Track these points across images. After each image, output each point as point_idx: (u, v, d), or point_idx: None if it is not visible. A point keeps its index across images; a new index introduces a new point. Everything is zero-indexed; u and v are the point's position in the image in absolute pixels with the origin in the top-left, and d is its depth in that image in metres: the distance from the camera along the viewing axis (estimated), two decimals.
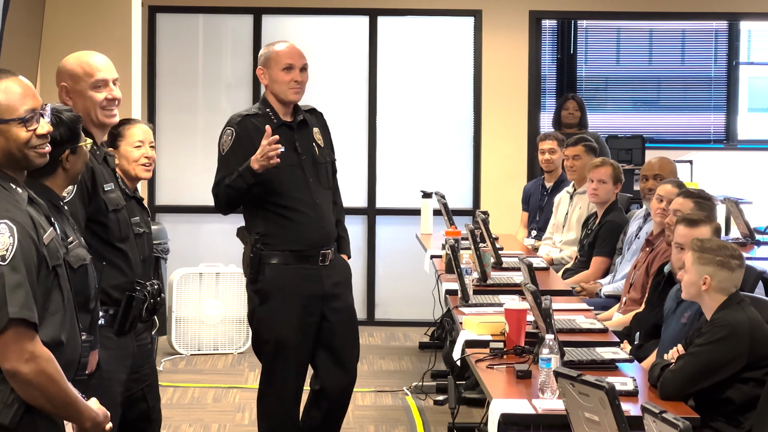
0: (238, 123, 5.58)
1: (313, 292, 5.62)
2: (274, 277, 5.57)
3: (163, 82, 10.23)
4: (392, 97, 10.32)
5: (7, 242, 3.11)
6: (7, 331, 3.07)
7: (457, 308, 5.96)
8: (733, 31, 11.09)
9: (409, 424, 7.25)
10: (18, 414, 3.15)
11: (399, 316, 10.22)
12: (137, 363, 4.71)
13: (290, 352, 5.63)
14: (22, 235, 3.13)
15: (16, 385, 3.12)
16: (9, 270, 3.09)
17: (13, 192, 3.23)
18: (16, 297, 3.07)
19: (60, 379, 3.15)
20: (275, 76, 5.61)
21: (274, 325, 5.61)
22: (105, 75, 4.51)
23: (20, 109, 3.26)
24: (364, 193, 10.32)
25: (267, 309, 5.61)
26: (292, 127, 5.64)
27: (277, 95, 5.63)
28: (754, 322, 4.62)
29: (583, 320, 5.70)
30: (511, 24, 10.30)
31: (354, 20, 10.29)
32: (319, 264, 5.63)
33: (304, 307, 5.60)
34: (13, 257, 3.10)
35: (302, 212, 5.58)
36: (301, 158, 5.61)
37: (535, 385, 4.52)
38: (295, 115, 5.68)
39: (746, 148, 11.19)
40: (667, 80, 11.34)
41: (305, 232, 5.59)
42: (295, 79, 5.61)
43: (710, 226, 5.33)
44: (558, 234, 8.50)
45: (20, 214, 3.17)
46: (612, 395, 3.30)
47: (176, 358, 8.86)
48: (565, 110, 9.99)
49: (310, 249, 5.61)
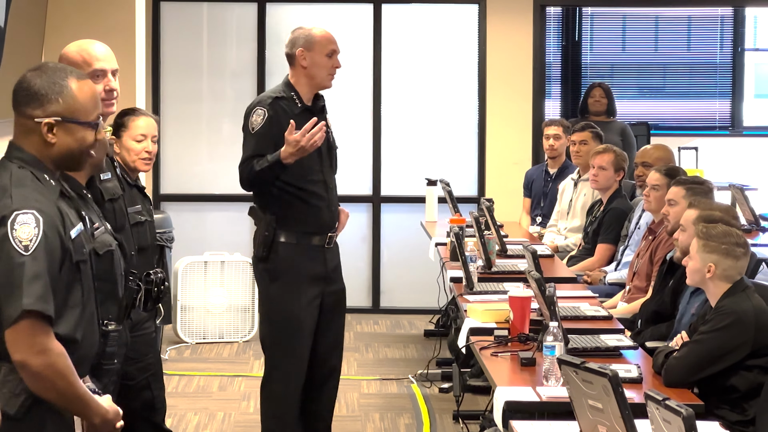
0: (270, 104, 5.61)
1: (318, 273, 5.71)
2: (286, 257, 5.65)
3: (167, 70, 10.22)
4: (397, 85, 10.30)
5: (32, 233, 3.11)
6: (21, 322, 3.07)
7: (462, 296, 5.96)
8: (738, 18, 11.06)
9: (414, 412, 7.26)
10: (25, 405, 3.15)
11: (404, 303, 10.22)
12: (141, 351, 4.71)
13: (300, 330, 5.68)
14: (48, 226, 3.13)
15: (25, 377, 3.12)
16: (30, 260, 3.08)
17: (46, 183, 3.24)
18: (33, 288, 3.07)
19: (70, 374, 3.14)
20: (318, 60, 5.62)
21: (284, 304, 5.67)
22: (104, 65, 4.46)
23: (93, 114, 3.29)
24: (369, 181, 10.31)
25: (278, 287, 5.68)
26: (313, 112, 5.68)
27: (313, 79, 5.65)
28: (759, 310, 4.62)
29: (587, 307, 5.70)
30: (515, 11, 10.28)
31: (358, 8, 10.28)
32: (325, 246, 5.72)
33: (311, 286, 5.69)
34: (36, 248, 3.10)
35: (317, 195, 5.67)
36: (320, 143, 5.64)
37: (539, 372, 4.52)
38: (316, 100, 5.73)
39: (752, 134, 11.16)
40: (673, 67, 11.32)
41: (318, 214, 5.68)
42: (335, 66, 5.65)
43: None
44: (563, 221, 8.49)
45: (49, 206, 3.18)
46: (615, 382, 3.30)
47: (181, 346, 8.87)
48: (591, 98, 9.94)
49: (321, 231, 5.70)
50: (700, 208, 5.33)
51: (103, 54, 4.49)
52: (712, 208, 5.31)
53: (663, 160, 7.33)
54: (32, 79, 3.27)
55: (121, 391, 4.52)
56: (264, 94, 5.77)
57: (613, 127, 9.66)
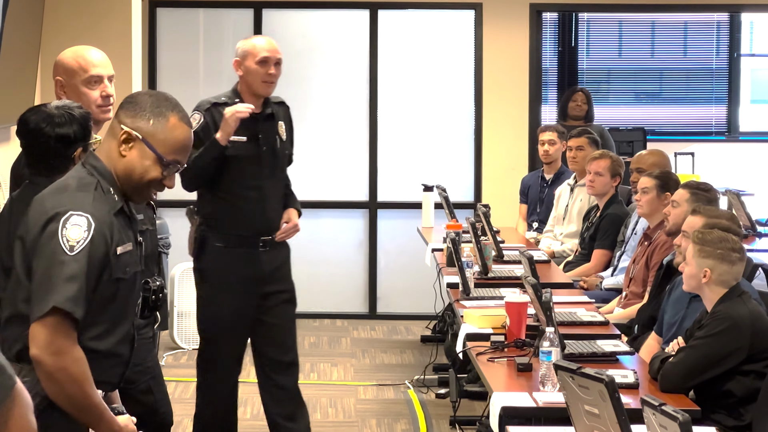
0: (206, 110, 5.77)
1: (252, 275, 5.77)
2: (216, 258, 5.75)
3: (163, 76, 10.22)
4: (393, 91, 10.31)
5: (82, 236, 3.12)
6: (47, 318, 3.07)
7: (459, 301, 5.97)
8: (734, 23, 11.08)
9: (411, 418, 7.26)
10: (38, 408, 3.14)
11: (400, 309, 10.22)
12: (139, 356, 4.71)
13: (227, 330, 5.79)
14: (97, 234, 3.14)
15: (39, 374, 3.12)
16: (72, 261, 3.10)
17: (108, 195, 3.24)
18: (67, 288, 3.08)
19: (84, 381, 3.13)
20: (251, 68, 5.76)
21: (213, 305, 5.80)
22: (100, 71, 4.47)
23: (172, 156, 3.27)
24: (366, 187, 10.31)
25: (208, 287, 5.81)
26: (258, 118, 5.78)
27: (250, 87, 5.78)
28: (754, 315, 4.62)
29: (583, 313, 5.70)
30: (511, 17, 10.29)
31: (354, 14, 10.29)
32: (260, 249, 5.78)
33: (243, 288, 5.76)
34: (81, 251, 3.11)
35: (250, 199, 5.75)
36: (261, 149, 5.75)
37: (535, 378, 4.52)
38: (264, 107, 5.82)
39: (748, 140, 11.18)
40: (669, 72, 11.33)
41: (249, 218, 5.75)
42: (269, 73, 5.75)
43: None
44: (559, 226, 8.50)
45: (103, 215, 3.18)
46: (611, 388, 3.30)
47: (178, 352, 8.86)
48: (573, 102, 9.98)
49: (253, 234, 5.77)
50: (705, 215, 5.30)
51: (99, 60, 4.49)
52: (718, 216, 5.29)
53: (658, 165, 7.33)
54: (144, 95, 3.32)
55: (122, 397, 4.52)
56: (205, 99, 5.89)
57: (592, 130, 9.67)
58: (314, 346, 9.18)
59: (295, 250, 6.03)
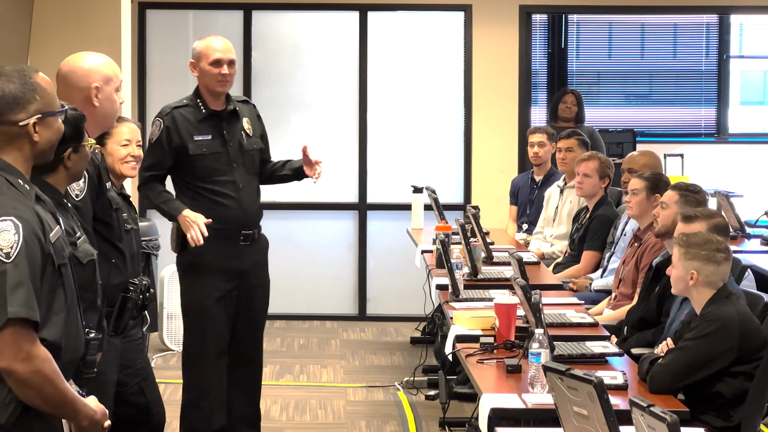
0: (167, 115, 5.95)
1: (232, 268, 5.92)
2: (195, 252, 5.84)
3: (153, 78, 10.21)
4: (383, 93, 10.31)
5: (12, 240, 3.08)
6: (5, 330, 3.05)
7: (448, 303, 5.97)
8: (724, 25, 11.09)
9: (400, 419, 7.25)
10: (15, 414, 3.14)
11: (390, 311, 10.22)
12: (129, 358, 4.72)
13: (208, 320, 5.90)
14: (27, 232, 3.10)
15: (12, 384, 3.10)
16: (12, 268, 3.06)
17: (21, 189, 3.20)
18: (17, 296, 3.05)
19: (56, 378, 3.12)
20: (204, 69, 5.96)
21: (193, 297, 5.94)
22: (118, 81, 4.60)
23: (57, 102, 3.31)
24: (355, 188, 10.31)
25: (189, 280, 5.97)
26: (221, 116, 5.96)
27: (206, 87, 5.97)
28: (743, 316, 4.63)
29: (573, 314, 5.70)
30: (501, 18, 10.29)
31: (344, 16, 10.28)
32: (240, 243, 5.93)
33: (223, 281, 5.90)
34: (17, 255, 3.07)
35: (226, 195, 5.92)
36: (227, 145, 5.93)
37: (525, 379, 4.53)
38: (226, 104, 5.99)
39: (737, 141, 11.20)
40: (659, 74, 11.35)
41: (227, 213, 5.90)
42: (222, 73, 5.93)
43: (706, 222, 5.28)
44: (549, 228, 8.50)
45: (27, 212, 3.15)
46: (600, 389, 3.30)
47: (167, 354, 8.85)
48: (563, 103, 9.99)
49: (232, 229, 5.91)
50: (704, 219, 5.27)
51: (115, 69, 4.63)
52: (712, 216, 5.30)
53: (649, 166, 7.33)
54: (3, 87, 3.26)
55: (115, 400, 4.52)
56: (168, 104, 6.05)
57: (582, 132, 9.68)
58: (304, 348, 9.18)
59: (284, 251, 6.08)
